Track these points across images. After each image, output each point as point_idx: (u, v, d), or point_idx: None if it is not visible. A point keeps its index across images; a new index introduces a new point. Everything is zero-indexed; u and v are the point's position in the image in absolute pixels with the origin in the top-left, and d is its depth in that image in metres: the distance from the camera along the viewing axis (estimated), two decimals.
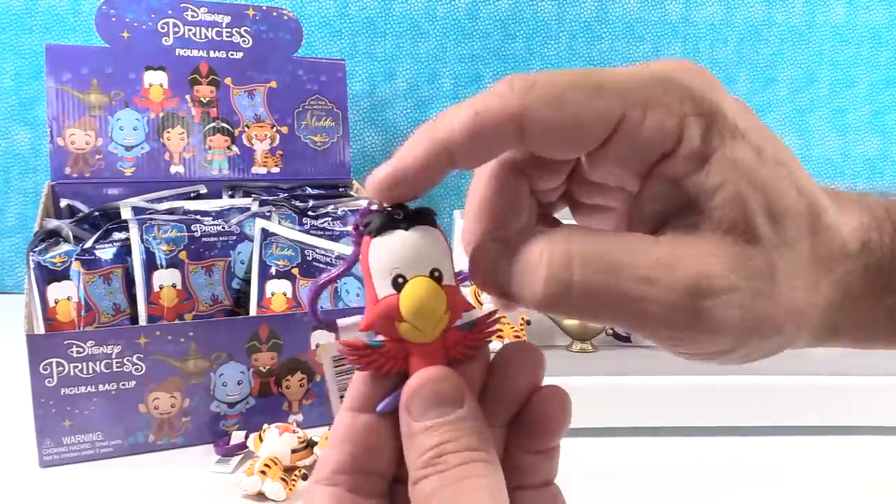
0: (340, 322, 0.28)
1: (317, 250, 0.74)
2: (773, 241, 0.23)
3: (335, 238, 0.79)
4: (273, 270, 0.71)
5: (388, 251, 0.24)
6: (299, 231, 0.76)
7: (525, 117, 0.23)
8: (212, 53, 0.88)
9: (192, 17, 0.87)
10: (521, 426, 0.26)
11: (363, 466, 0.25)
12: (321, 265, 0.73)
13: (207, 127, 0.88)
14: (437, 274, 0.24)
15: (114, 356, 0.58)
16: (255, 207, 0.78)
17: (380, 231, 0.24)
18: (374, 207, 0.25)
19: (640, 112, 0.23)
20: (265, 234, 0.73)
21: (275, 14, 0.90)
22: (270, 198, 0.82)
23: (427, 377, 0.24)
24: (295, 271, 0.72)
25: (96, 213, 0.74)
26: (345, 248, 0.76)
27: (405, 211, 0.25)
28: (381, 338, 0.25)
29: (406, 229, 0.24)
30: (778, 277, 0.23)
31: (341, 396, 0.34)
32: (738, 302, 0.23)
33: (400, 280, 0.24)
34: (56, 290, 0.65)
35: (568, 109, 0.23)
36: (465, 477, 0.23)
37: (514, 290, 0.24)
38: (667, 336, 0.24)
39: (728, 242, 0.23)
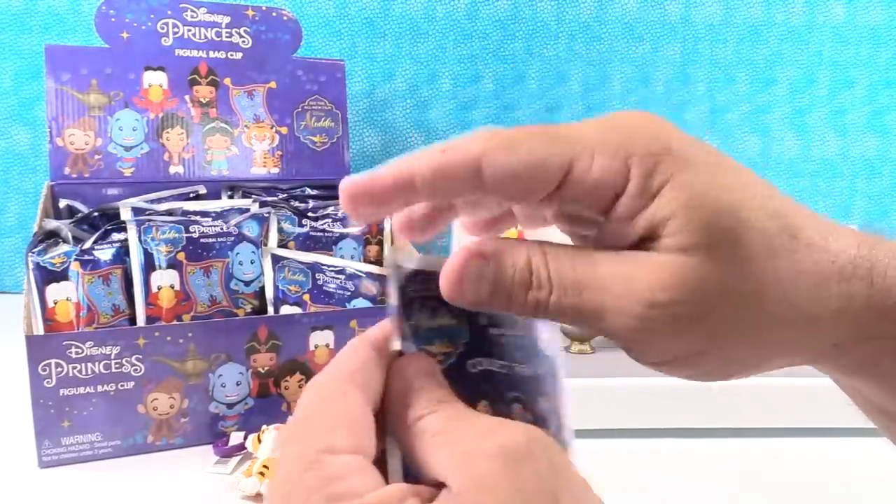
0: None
1: (327, 273, 0.74)
2: (734, 261, 0.25)
3: (335, 241, 0.79)
4: (285, 297, 0.73)
5: None
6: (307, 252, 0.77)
7: (482, 161, 0.25)
8: (211, 54, 0.88)
9: (192, 17, 0.87)
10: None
11: None
12: (331, 289, 0.73)
13: (207, 127, 0.88)
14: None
15: (112, 357, 0.58)
16: (254, 208, 0.78)
17: None
18: None
19: (588, 157, 0.25)
20: (275, 259, 0.74)
21: (274, 14, 0.90)
22: (270, 199, 0.82)
23: None
24: (306, 297, 0.72)
25: (95, 214, 0.74)
26: (351, 264, 0.76)
27: None
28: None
29: None
30: (738, 295, 0.25)
31: None
32: (680, 314, 0.25)
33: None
34: (55, 291, 0.65)
35: (521, 155, 0.25)
36: None
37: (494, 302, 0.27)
38: (621, 343, 0.26)
39: (683, 263, 0.25)
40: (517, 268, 0.26)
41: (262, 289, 0.73)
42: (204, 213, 0.74)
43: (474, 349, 0.28)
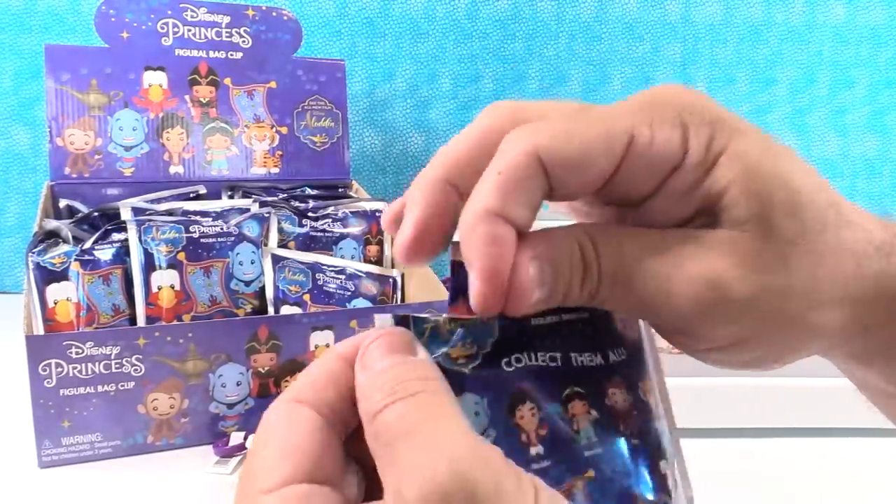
0: None
1: (327, 273, 0.74)
2: (790, 233, 0.24)
3: (335, 241, 0.79)
4: (285, 297, 0.73)
5: None
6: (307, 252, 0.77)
7: (541, 155, 0.23)
8: (211, 54, 0.88)
9: (192, 17, 0.87)
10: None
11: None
12: (331, 289, 0.73)
13: (207, 127, 0.88)
14: None
15: (113, 357, 0.58)
16: (254, 208, 0.78)
17: None
18: None
19: (647, 129, 0.23)
20: (275, 259, 0.74)
21: (274, 14, 0.90)
22: (270, 199, 0.82)
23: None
24: (306, 297, 0.72)
25: (95, 214, 0.74)
26: (351, 264, 0.76)
27: None
28: None
29: None
30: (795, 270, 0.24)
31: None
32: (734, 297, 0.23)
33: None
34: (55, 291, 0.65)
35: (577, 139, 0.23)
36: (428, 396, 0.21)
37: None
38: (671, 330, 0.25)
39: (738, 238, 0.24)
40: (573, 261, 0.23)
41: (263, 289, 0.73)
42: (204, 213, 0.74)
43: (508, 346, 0.24)
